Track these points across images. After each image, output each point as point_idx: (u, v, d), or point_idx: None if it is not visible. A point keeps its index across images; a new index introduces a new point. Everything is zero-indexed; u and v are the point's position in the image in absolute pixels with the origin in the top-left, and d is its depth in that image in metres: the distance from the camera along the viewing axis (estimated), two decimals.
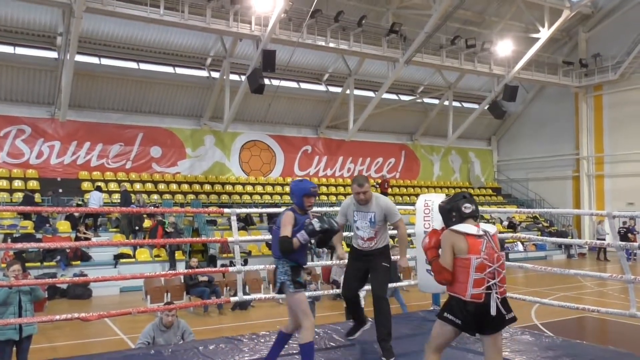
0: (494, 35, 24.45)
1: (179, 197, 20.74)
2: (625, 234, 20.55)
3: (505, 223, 24.68)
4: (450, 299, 3.95)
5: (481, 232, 3.88)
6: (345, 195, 24.41)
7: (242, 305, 12.41)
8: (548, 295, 12.52)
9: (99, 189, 17.87)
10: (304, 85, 25.16)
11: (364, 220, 5.40)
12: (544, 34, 23.30)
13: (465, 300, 3.80)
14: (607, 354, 5.49)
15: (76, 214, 16.60)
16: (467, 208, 3.94)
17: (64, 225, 16.79)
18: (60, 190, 18.82)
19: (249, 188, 22.89)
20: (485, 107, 25.81)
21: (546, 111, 28.98)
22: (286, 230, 4.50)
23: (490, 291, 3.79)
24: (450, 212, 3.99)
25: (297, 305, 4.56)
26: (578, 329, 8.66)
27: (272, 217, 20.22)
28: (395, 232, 5.75)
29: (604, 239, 20.70)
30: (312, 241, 4.73)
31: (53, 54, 19.65)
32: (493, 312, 3.78)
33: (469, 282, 3.79)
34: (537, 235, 22.67)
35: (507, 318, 3.87)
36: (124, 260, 15.99)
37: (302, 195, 4.60)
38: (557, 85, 26.79)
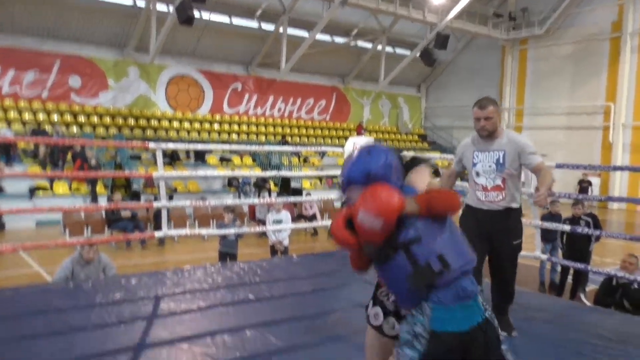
0: None
1: (101, 130, 19.84)
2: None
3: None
4: None
5: None
6: (274, 135, 24.26)
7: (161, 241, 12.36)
8: None
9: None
10: (235, 21, 24.30)
11: (489, 161, 3.98)
12: None
13: None
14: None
15: None
16: None
17: None
18: None
19: (176, 124, 22.22)
20: (417, 54, 26.10)
21: (474, 62, 29.70)
22: None
23: None
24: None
25: None
26: None
27: (199, 155, 19.79)
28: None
29: None
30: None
31: None
32: None
33: None
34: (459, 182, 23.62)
35: None
36: (41, 192, 15.28)
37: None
38: (486, 37, 27.38)
